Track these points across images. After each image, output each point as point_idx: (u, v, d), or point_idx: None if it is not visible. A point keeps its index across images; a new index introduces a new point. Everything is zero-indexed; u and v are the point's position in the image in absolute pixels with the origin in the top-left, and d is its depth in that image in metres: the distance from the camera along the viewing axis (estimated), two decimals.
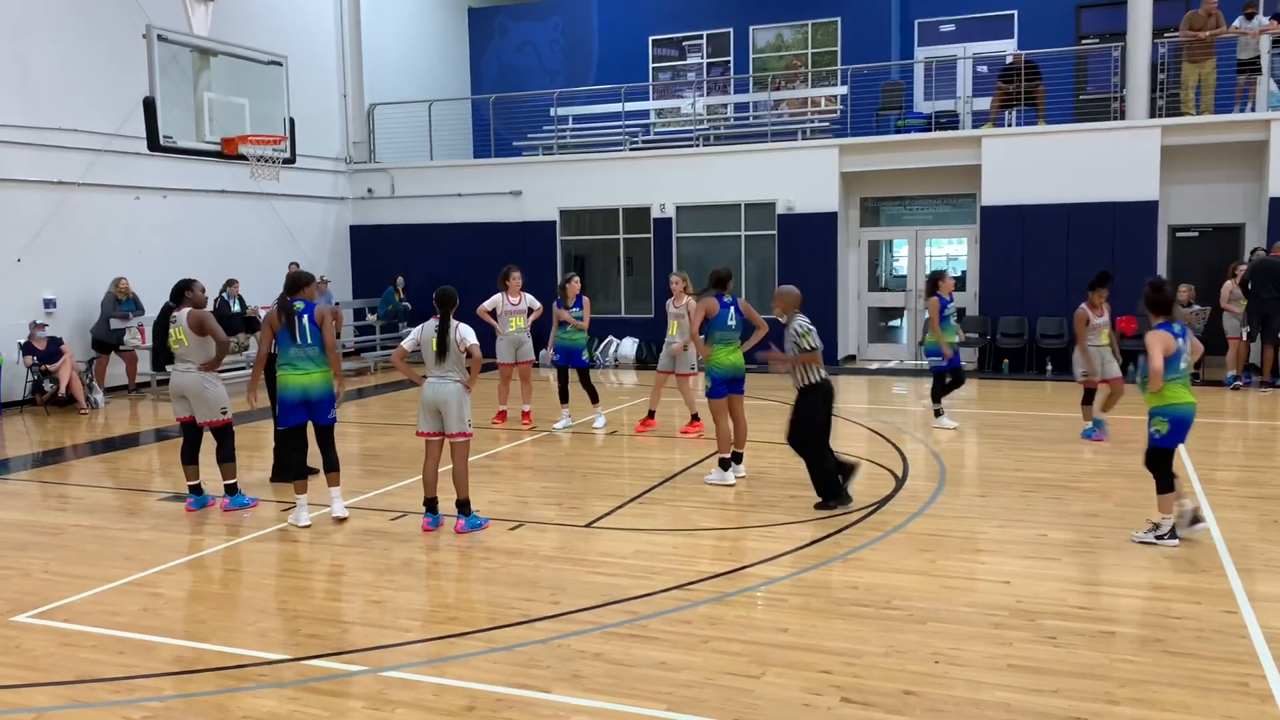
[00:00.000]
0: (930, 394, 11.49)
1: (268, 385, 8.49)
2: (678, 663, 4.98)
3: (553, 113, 19.95)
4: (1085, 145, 15.78)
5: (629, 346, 18.19)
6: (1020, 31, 19.57)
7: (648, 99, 21.29)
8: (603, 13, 22.67)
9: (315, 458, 7.99)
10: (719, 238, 18.04)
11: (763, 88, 20.45)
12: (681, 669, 4.91)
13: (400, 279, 18.90)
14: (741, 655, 5.06)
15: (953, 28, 20.18)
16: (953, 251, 18.79)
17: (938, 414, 11.38)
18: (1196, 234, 16.25)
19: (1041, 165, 15.95)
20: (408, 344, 7.62)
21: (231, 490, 8.23)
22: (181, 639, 5.46)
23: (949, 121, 17.75)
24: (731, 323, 8.82)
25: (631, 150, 18.88)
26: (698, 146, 18.75)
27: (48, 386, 13.61)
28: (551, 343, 11.74)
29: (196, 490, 8.29)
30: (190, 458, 8.23)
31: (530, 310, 11.80)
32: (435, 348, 7.21)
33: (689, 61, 22.01)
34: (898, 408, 13.39)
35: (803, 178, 17.26)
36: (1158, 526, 6.78)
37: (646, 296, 18.38)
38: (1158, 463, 6.79)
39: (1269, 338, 14.00)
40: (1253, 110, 15.47)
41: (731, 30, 21.67)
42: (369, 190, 19.96)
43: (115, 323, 14.46)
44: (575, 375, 11.72)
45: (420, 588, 6.40)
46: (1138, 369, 6.85)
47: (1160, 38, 16.12)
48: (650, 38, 22.26)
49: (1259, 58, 15.36)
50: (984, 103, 17.62)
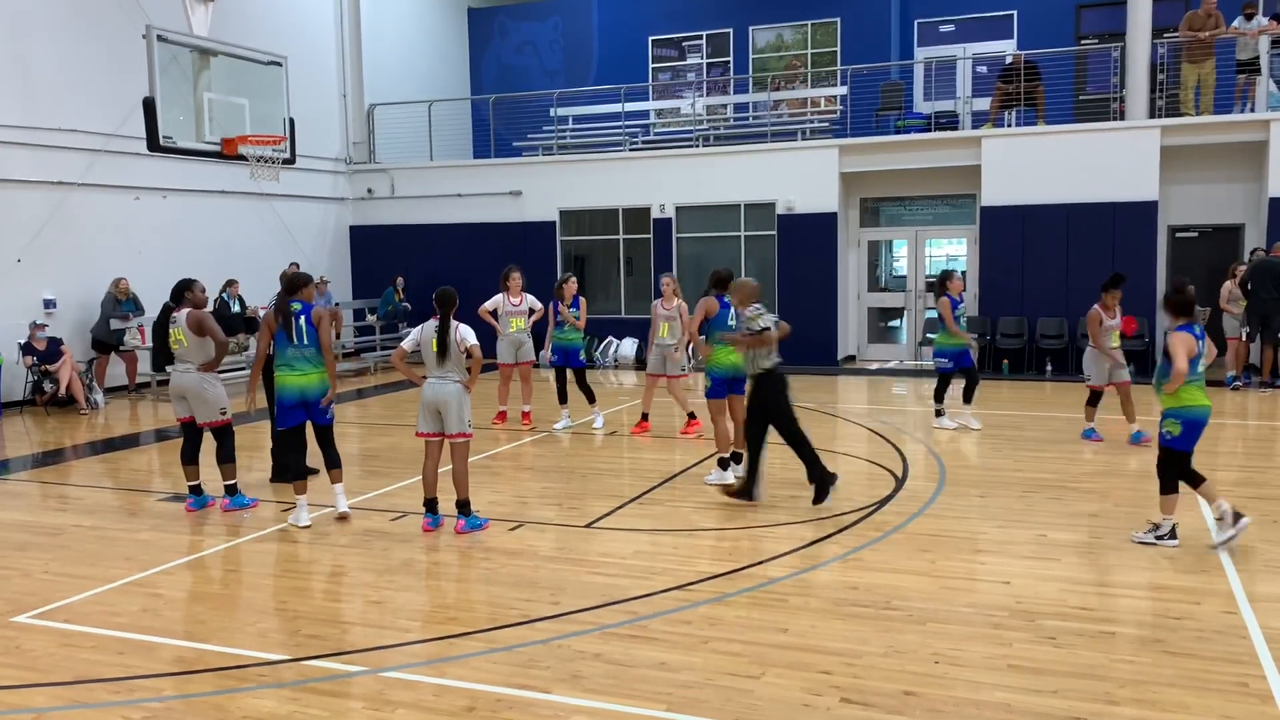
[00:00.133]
0: (934, 394, 11.49)
1: (265, 386, 8.50)
2: (678, 663, 4.98)
3: (553, 113, 19.95)
4: (1085, 145, 15.79)
5: (629, 347, 18.19)
6: (1020, 31, 19.58)
7: (648, 99, 21.29)
8: (603, 13, 22.67)
9: (313, 458, 8.01)
10: (719, 238, 18.04)
11: (762, 88, 20.45)
12: (681, 669, 4.91)
13: (400, 279, 18.91)
14: (741, 655, 5.06)
15: (952, 28, 20.18)
16: (952, 252, 18.79)
17: (938, 414, 11.40)
18: (1196, 234, 16.25)
19: (1041, 165, 15.95)
20: (407, 344, 7.62)
21: (231, 491, 8.23)
22: (181, 639, 5.47)
23: (949, 122, 17.76)
24: (732, 322, 8.81)
25: (631, 150, 18.87)
26: (698, 147, 18.75)
27: (48, 387, 13.62)
28: (549, 343, 11.75)
29: (196, 491, 8.29)
30: (190, 458, 8.24)
31: (532, 311, 11.82)
32: (435, 348, 7.21)
33: (689, 62, 22.01)
34: (898, 408, 13.41)
35: (803, 178, 17.26)
36: (1158, 527, 6.79)
37: (646, 297, 18.32)
38: (1167, 464, 6.76)
39: (1269, 338, 14.00)
40: (1252, 110, 15.47)
41: (731, 30, 21.67)
42: (369, 190, 19.96)
43: (115, 323, 14.46)
44: (572, 375, 11.75)
45: (420, 588, 6.40)
46: (1158, 369, 6.82)
47: (1160, 38, 16.12)
48: (650, 38, 22.26)
49: (1258, 58, 15.37)
50: (984, 103, 17.62)
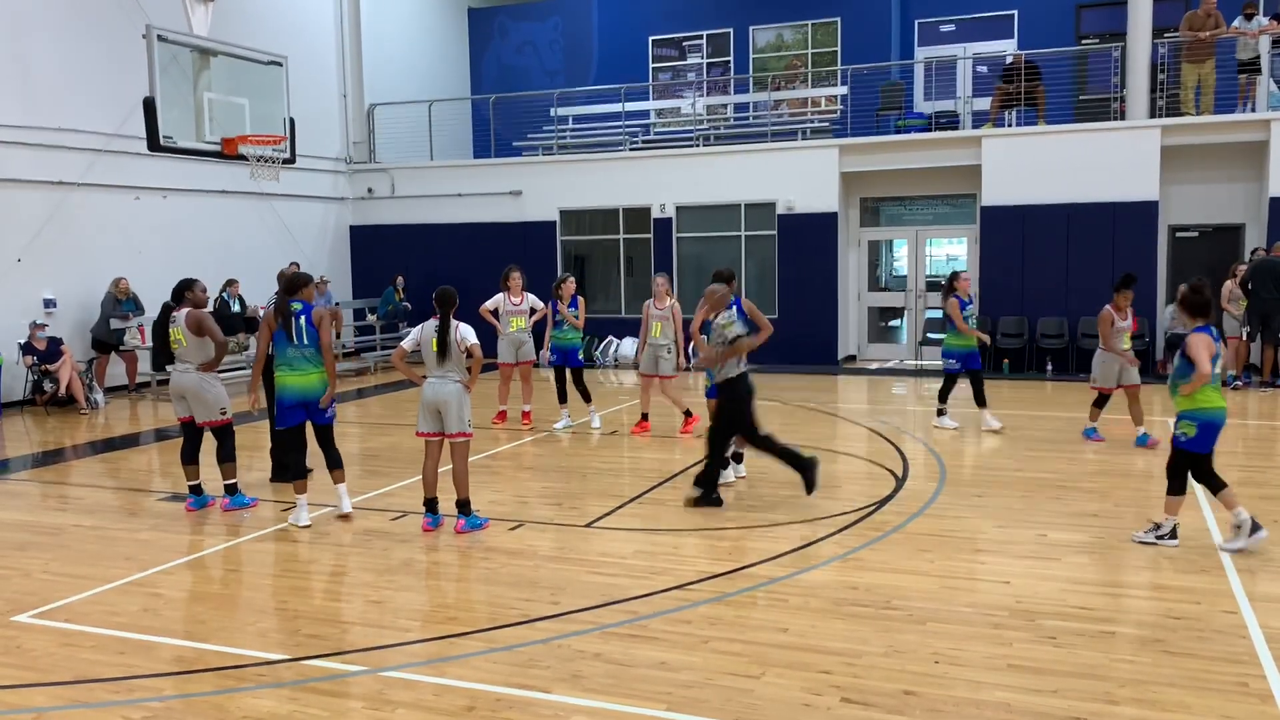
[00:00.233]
0: (938, 393, 11.47)
1: (265, 386, 8.49)
2: (678, 663, 4.98)
3: (553, 113, 19.95)
4: (1085, 145, 15.79)
5: (629, 347, 18.17)
6: (1020, 31, 19.58)
7: (648, 99, 21.29)
8: (603, 13, 22.67)
9: (311, 458, 8.00)
10: (719, 238, 18.04)
11: (763, 88, 20.45)
12: (681, 669, 4.91)
13: (400, 279, 18.91)
14: (741, 655, 5.05)
15: (953, 28, 20.18)
16: (953, 251, 18.79)
17: (940, 413, 11.39)
18: (1196, 234, 16.24)
19: (1041, 165, 15.95)
20: (407, 344, 7.62)
21: (231, 490, 8.23)
22: (181, 639, 5.46)
23: (949, 122, 17.76)
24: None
25: (631, 150, 18.88)
26: (698, 146, 18.75)
27: (48, 386, 13.62)
28: (547, 343, 11.76)
29: (196, 490, 8.29)
30: (190, 458, 8.24)
31: (533, 310, 11.83)
32: (435, 348, 7.21)
33: (689, 61, 22.01)
34: (898, 408, 13.41)
35: (803, 178, 17.27)
36: (1159, 526, 6.78)
37: (647, 297, 18.21)
38: (1177, 465, 6.71)
39: (1269, 338, 14.01)
40: (1253, 110, 15.48)
41: (731, 30, 21.67)
42: (369, 190, 19.96)
43: (115, 323, 14.46)
44: (569, 375, 11.75)
45: (420, 588, 6.40)
46: (1175, 371, 6.76)
47: (1160, 38, 16.13)
48: (650, 38, 22.26)
49: (1259, 58, 15.37)
50: (984, 103, 17.64)
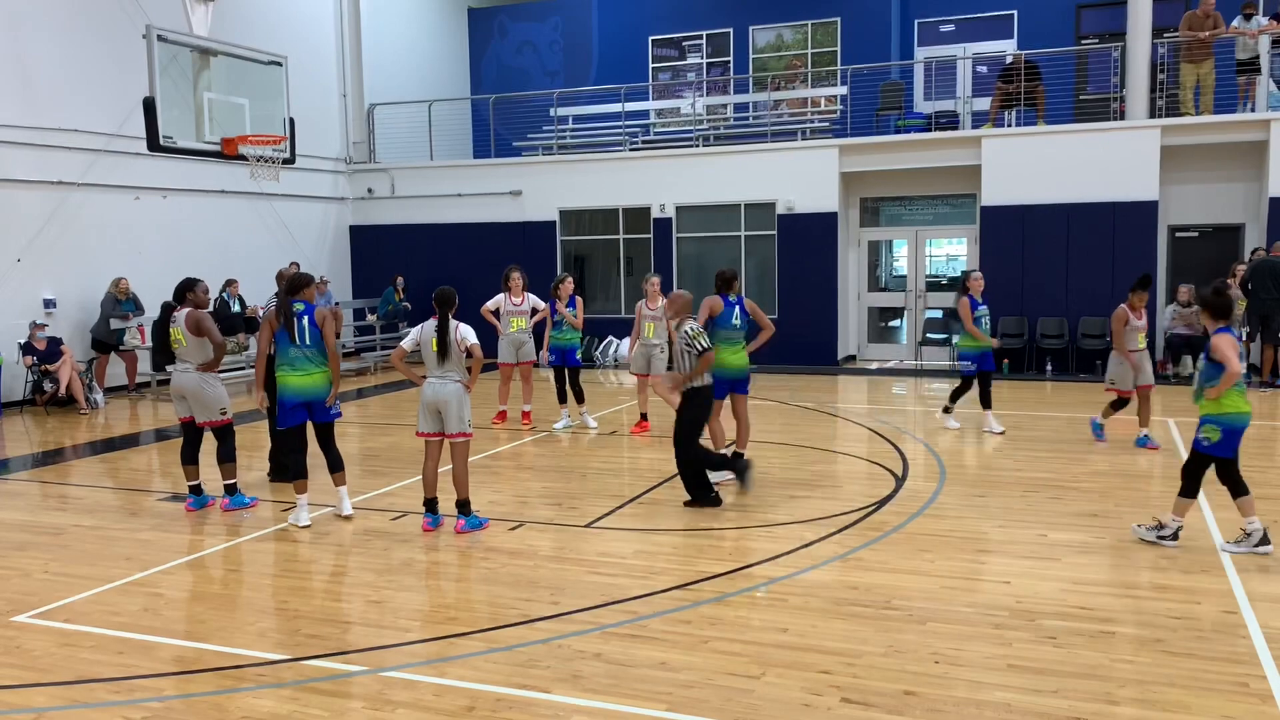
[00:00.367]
0: (951, 393, 11.39)
1: (267, 386, 8.48)
2: (678, 663, 4.98)
3: (553, 113, 19.94)
4: (1085, 145, 15.78)
5: (629, 347, 18.16)
6: (1020, 31, 19.58)
7: (648, 99, 21.29)
8: (603, 13, 22.68)
9: (312, 457, 7.99)
10: (719, 238, 18.04)
11: (762, 88, 20.45)
12: (681, 669, 4.91)
13: (400, 279, 18.90)
14: (741, 655, 5.06)
15: (953, 28, 20.19)
16: (953, 251, 18.80)
17: (946, 410, 11.37)
18: (1196, 234, 16.24)
19: (1041, 165, 15.95)
20: (407, 344, 7.61)
21: (231, 490, 8.23)
22: (181, 639, 5.47)
23: (949, 121, 17.76)
24: (736, 322, 8.80)
25: (631, 150, 18.87)
26: (698, 147, 18.74)
27: (48, 386, 13.61)
28: (546, 343, 11.77)
29: (196, 490, 8.29)
30: (190, 458, 8.24)
31: (534, 310, 11.83)
32: (435, 348, 7.21)
33: (689, 61, 22.01)
34: (898, 408, 13.41)
35: (803, 178, 17.26)
36: (1163, 526, 6.77)
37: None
38: (1194, 468, 6.66)
39: (1269, 338, 14.00)
40: (1252, 110, 15.48)
41: (731, 30, 21.67)
42: (369, 190, 19.95)
43: (115, 323, 14.45)
44: (566, 374, 11.76)
45: (420, 588, 6.39)
46: (1200, 373, 6.64)
47: (1160, 38, 16.13)
48: (650, 38, 22.27)
49: (1258, 58, 15.37)
50: (984, 103, 17.62)
